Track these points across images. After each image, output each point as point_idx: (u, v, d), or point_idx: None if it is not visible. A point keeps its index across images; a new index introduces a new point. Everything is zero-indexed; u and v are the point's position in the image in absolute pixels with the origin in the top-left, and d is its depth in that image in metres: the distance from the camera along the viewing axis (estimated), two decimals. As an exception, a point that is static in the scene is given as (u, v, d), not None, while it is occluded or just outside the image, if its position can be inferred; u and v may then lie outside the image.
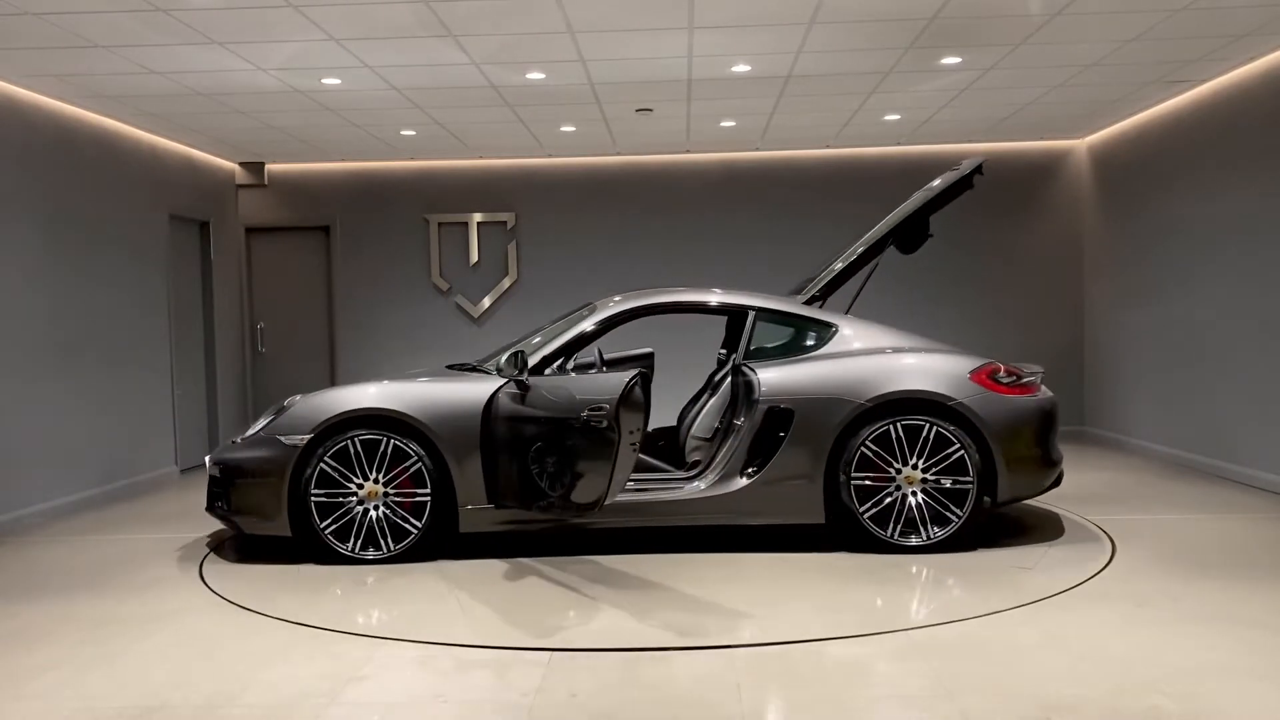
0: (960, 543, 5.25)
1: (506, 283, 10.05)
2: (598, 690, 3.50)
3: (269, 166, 10.05)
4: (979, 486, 5.25)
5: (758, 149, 9.83)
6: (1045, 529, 5.83)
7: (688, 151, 9.84)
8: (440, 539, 5.37)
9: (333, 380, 10.11)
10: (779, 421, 5.35)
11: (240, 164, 9.98)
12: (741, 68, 6.75)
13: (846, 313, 6.09)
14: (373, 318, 10.13)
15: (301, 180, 10.10)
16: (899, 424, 5.25)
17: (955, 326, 9.67)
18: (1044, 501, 6.56)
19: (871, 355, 5.50)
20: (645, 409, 4.79)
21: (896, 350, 5.57)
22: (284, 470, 5.30)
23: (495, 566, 5.24)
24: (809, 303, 5.96)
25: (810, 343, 5.67)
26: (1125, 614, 4.21)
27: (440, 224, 10.07)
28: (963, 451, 5.23)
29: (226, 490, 5.45)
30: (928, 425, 5.24)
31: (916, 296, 9.87)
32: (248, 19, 5.50)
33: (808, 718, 3.24)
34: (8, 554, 5.87)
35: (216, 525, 6.52)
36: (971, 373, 5.36)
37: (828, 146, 9.76)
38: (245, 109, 7.62)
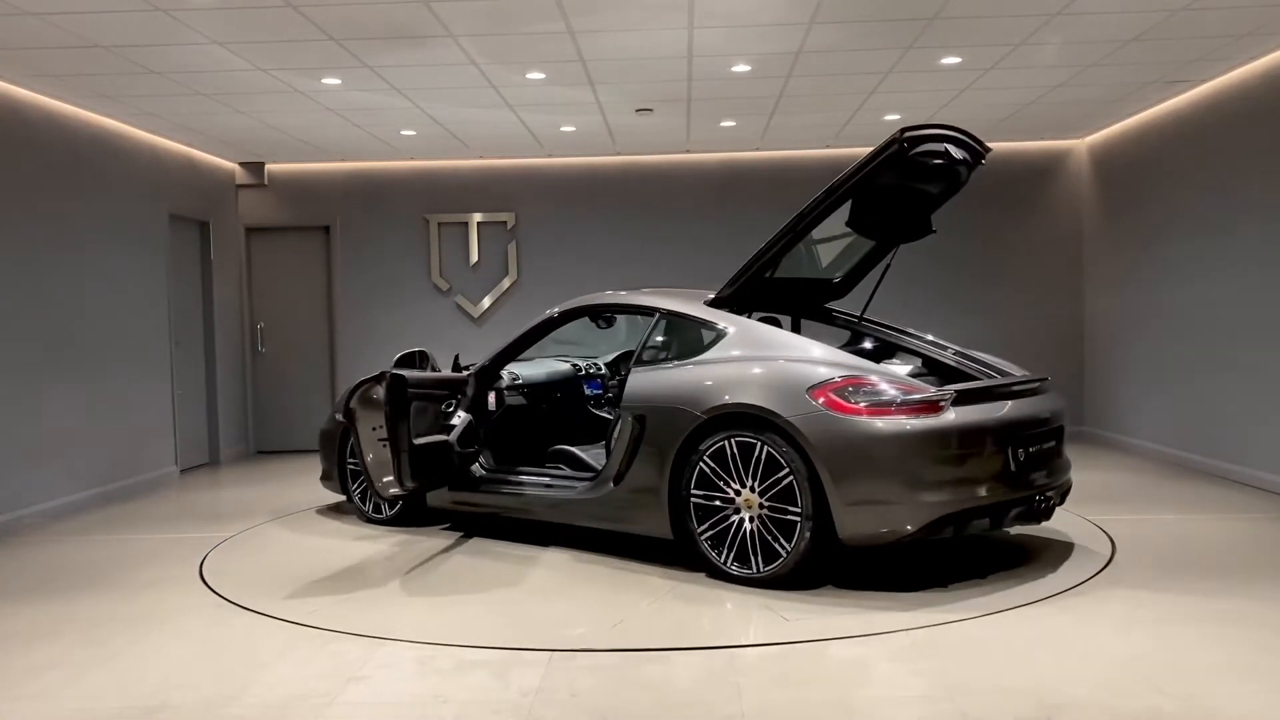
0: (797, 580, 4.60)
1: (506, 283, 10.05)
2: (598, 690, 3.50)
3: (269, 166, 10.05)
4: (816, 518, 4.52)
5: (758, 149, 9.82)
6: (1045, 529, 5.83)
7: (688, 151, 9.84)
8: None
9: (333, 380, 10.12)
10: (639, 428, 5.10)
11: (240, 164, 9.98)
12: (741, 68, 6.75)
13: (861, 314, 5.99)
14: (373, 318, 10.12)
15: (301, 180, 10.10)
16: (733, 440, 4.73)
17: (956, 326, 9.66)
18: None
19: (732, 363, 4.94)
20: (393, 405, 5.21)
21: (768, 358, 4.89)
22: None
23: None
24: (717, 303, 5.39)
25: (698, 346, 5.22)
26: (1125, 614, 4.21)
27: (440, 224, 10.07)
28: (791, 477, 4.56)
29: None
30: (759, 444, 4.65)
31: (917, 296, 9.87)
32: (248, 19, 5.50)
33: (808, 718, 3.24)
34: (8, 554, 5.87)
35: (216, 525, 6.52)
36: (812, 388, 4.58)
37: (828, 146, 9.76)
38: (245, 109, 7.62)
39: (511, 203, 10.02)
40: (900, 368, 5.33)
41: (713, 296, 5.43)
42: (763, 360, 4.89)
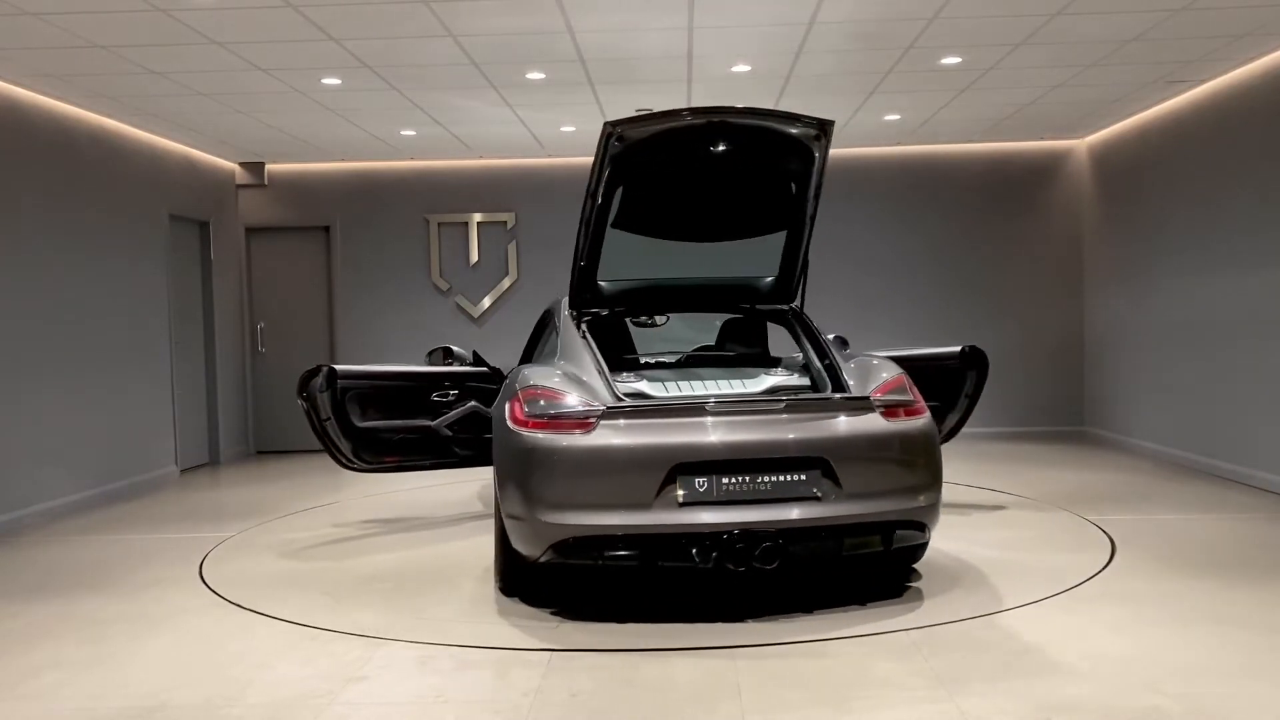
0: (513, 590, 4.73)
1: (506, 283, 10.05)
2: (598, 690, 3.50)
3: (269, 166, 10.05)
4: (500, 530, 4.57)
5: (758, 149, 9.81)
6: (1045, 529, 5.83)
7: (688, 151, 9.83)
8: None
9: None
10: None
11: (240, 164, 9.98)
12: (741, 67, 6.75)
13: (799, 304, 5.60)
14: (373, 318, 10.12)
15: (301, 180, 10.09)
16: None
17: (956, 326, 9.67)
18: (1044, 501, 6.56)
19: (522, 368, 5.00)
20: (328, 394, 5.56)
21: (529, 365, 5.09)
22: None
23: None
24: (575, 305, 5.28)
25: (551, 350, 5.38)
26: (1125, 614, 4.20)
27: (440, 224, 10.07)
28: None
29: None
30: None
31: (917, 296, 9.88)
32: (248, 19, 5.50)
33: (808, 718, 3.24)
34: (8, 554, 5.87)
35: (216, 525, 6.52)
36: (511, 397, 4.46)
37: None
38: (245, 109, 7.62)
39: (511, 203, 10.02)
40: (770, 378, 4.94)
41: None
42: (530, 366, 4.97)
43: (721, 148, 4.77)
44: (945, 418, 6.09)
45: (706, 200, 5.12)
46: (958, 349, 6.12)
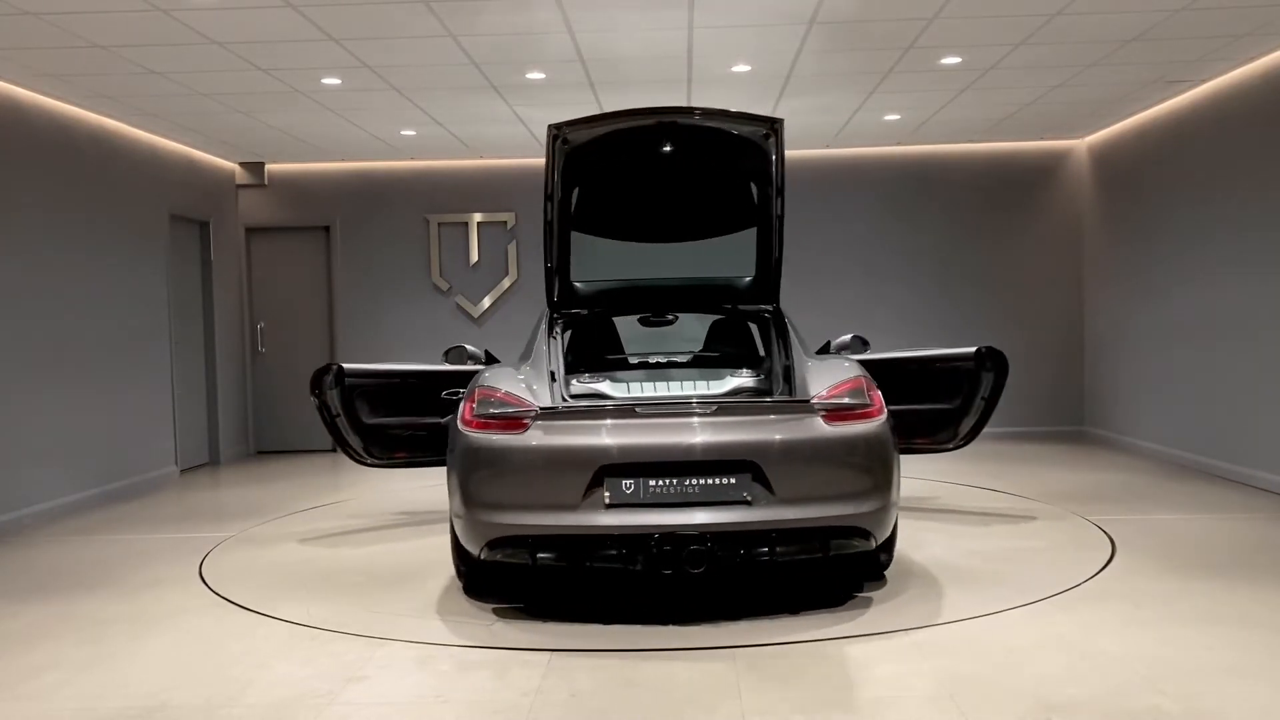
0: (476, 594, 4.74)
1: (506, 283, 10.05)
2: (598, 690, 3.50)
3: (269, 166, 10.04)
4: (453, 529, 4.57)
5: (758, 149, 9.81)
6: (1045, 529, 5.83)
7: (688, 151, 9.82)
8: None
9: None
10: None
11: (240, 164, 9.98)
12: (741, 67, 6.75)
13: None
14: (373, 318, 10.12)
15: (301, 180, 10.09)
16: None
17: (956, 326, 9.67)
18: (1044, 501, 6.56)
19: None
20: (337, 392, 5.67)
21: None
22: None
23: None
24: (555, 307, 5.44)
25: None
26: (1125, 614, 4.20)
27: (440, 224, 10.07)
28: None
29: None
30: None
31: (916, 296, 9.88)
32: (248, 19, 5.50)
33: (808, 718, 3.24)
34: (8, 554, 5.87)
35: (216, 525, 6.52)
36: (467, 397, 4.51)
37: (828, 146, 9.76)
38: (245, 109, 7.62)
39: (511, 203, 10.02)
40: (737, 380, 4.93)
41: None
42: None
43: (673, 148, 4.78)
44: (960, 421, 5.83)
45: (668, 200, 5.13)
46: (972, 350, 5.80)
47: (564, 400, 4.51)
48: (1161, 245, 8.28)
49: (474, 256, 10.07)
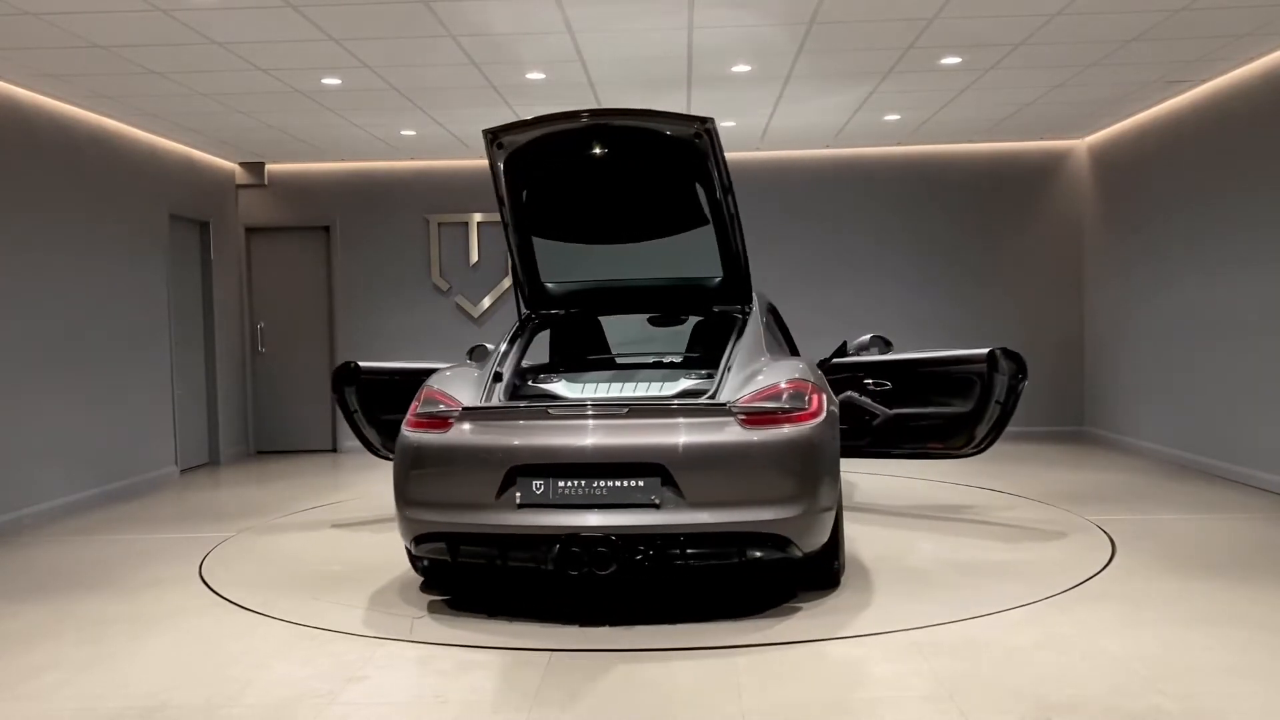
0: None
1: (506, 282, 10.03)
2: (598, 690, 3.50)
3: (269, 166, 10.05)
4: None
5: (758, 149, 9.82)
6: (1045, 529, 5.83)
7: (688, 151, 9.82)
8: None
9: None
10: None
11: (240, 164, 9.98)
12: (741, 67, 6.75)
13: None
14: (373, 318, 10.12)
15: (301, 180, 10.09)
16: None
17: (956, 326, 9.68)
18: (1044, 501, 6.56)
19: None
20: (353, 389, 6.04)
21: None
22: None
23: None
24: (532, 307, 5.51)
25: None
26: (1125, 614, 4.20)
27: (440, 224, 10.07)
28: None
29: None
30: None
31: (917, 296, 9.88)
32: (248, 19, 5.50)
33: (808, 718, 3.24)
34: (8, 554, 5.87)
35: (216, 525, 6.52)
36: (416, 398, 4.66)
37: (827, 146, 9.76)
38: (245, 109, 7.62)
39: (511, 203, 10.00)
40: (689, 381, 4.84)
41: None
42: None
43: (608, 150, 4.78)
44: (974, 426, 5.55)
45: (614, 202, 5.13)
46: (984, 351, 5.51)
47: (500, 401, 4.56)
48: (1161, 245, 8.27)
49: (474, 256, 10.07)
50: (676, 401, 4.40)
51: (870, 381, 5.80)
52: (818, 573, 4.59)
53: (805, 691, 3.46)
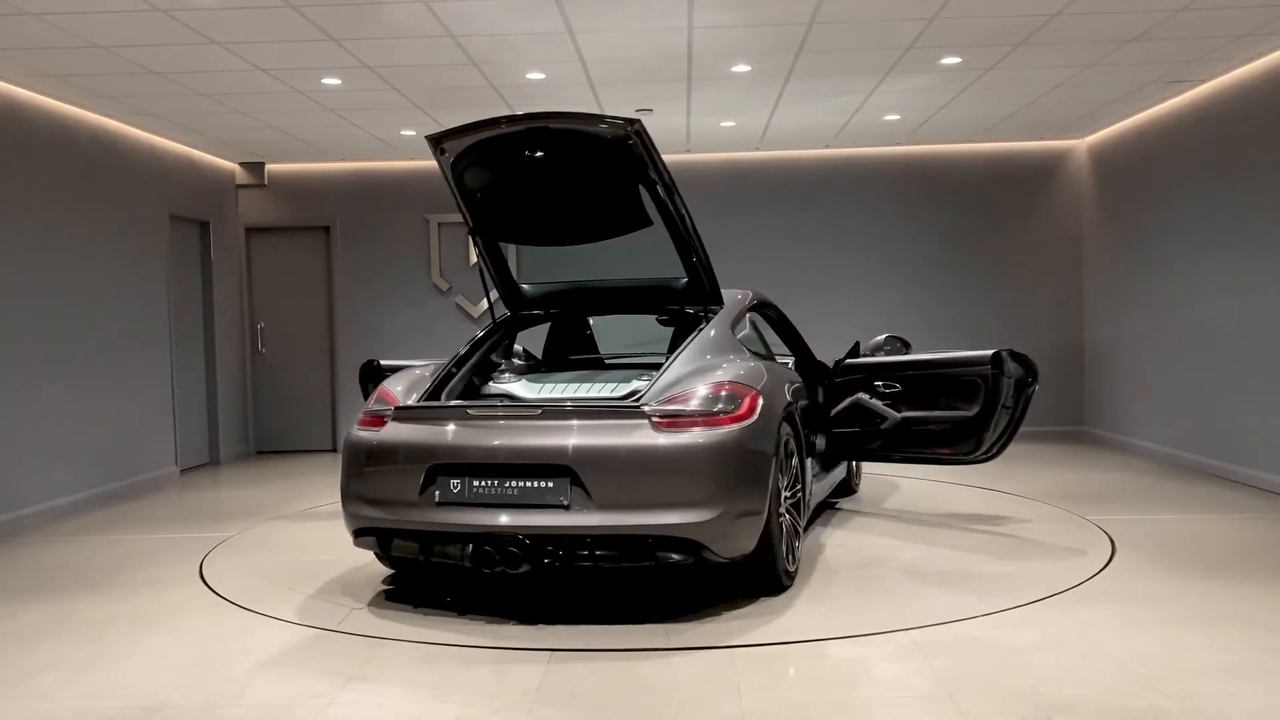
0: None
1: (506, 283, 10.03)
2: (598, 690, 3.50)
3: (269, 166, 10.05)
4: None
5: (758, 149, 9.82)
6: (1045, 529, 5.83)
7: (688, 152, 9.84)
8: None
9: (333, 380, 10.12)
10: None
11: (240, 164, 9.98)
12: (741, 67, 6.75)
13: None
14: (373, 318, 10.12)
15: (301, 180, 10.09)
16: None
17: (955, 326, 9.67)
18: (1044, 501, 6.56)
19: None
20: (374, 385, 6.03)
21: None
22: None
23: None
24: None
25: None
26: (1125, 614, 4.20)
27: (440, 224, 10.07)
28: None
29: None
30: None
31: (916, 297, 9.87)
32: (248, 19, 5.50)
33: (808, 718, 3.24)
34: (8, 554, 5.87)
35: (216, 525, 6.52)
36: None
37: (827, 146, 9.76)
38: (245, 109, 7.62)
39: (511, 203, 10.01)
40: (639, 383, 4.76)
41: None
42: None
43: (548, 153, 4.80)
44: (981, 432, 5.43)
45: (563, 204, 5.15)
46: (989, 353, 5.37)
47: (435, 401, 4.71)
48: (1161, 245, 8.27)
49: (474, 256, 10.06)
50: (591, 404, 4.39)
51: (879, 383, 5.79)
52: (756, 577, 4.51)
53: (805, 691, 3.46)
